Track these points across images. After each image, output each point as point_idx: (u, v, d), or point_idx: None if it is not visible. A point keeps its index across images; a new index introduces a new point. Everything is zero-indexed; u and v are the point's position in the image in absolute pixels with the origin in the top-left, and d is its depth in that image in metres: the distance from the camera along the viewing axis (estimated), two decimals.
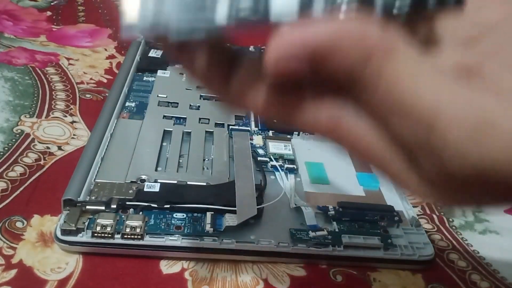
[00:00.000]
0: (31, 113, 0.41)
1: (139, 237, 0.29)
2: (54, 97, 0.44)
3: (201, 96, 0.44)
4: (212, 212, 0.31)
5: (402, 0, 0.13)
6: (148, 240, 0.29)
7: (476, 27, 0.14)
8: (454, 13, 0.14)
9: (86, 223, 0.29)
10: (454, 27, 0.14)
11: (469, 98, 0.12)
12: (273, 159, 0.37)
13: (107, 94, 0.44)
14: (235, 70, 0.15)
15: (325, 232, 0.31)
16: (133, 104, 0.42)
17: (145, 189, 0.31)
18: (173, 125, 0.39)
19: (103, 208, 0.30)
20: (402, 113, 0.12)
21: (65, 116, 0.41)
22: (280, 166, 0.36)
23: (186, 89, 0.44)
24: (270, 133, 0.41)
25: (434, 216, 0.36)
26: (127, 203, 0.30)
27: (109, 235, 0.28)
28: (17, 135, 0.38)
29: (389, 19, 0.13)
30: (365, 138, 0.14)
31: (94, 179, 0.32)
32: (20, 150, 0.36)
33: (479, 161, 0.12)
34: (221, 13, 0.13)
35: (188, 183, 0.33)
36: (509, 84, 0.12)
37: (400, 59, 0.12)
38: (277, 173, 0.36)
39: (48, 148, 0.37)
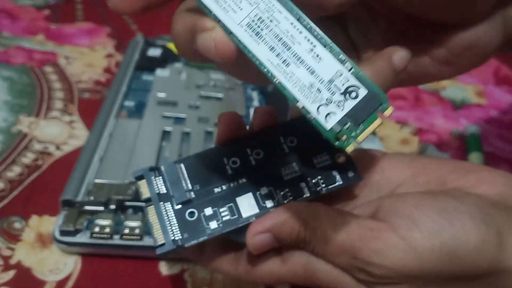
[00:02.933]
0: (29, 112, 0.41)
1: (138, 237, 0.28)
2: (52, 96, 0.43)
3: (200, 95, 0.44)
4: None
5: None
6: (147, 241, 0.28)
7: (388, 182, 0.23)
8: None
9: (85, 224, 0.29)
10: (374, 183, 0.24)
11: (371, 228, 0.20)
12: None
13: (105, 93, 0.44)
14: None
15: None
16: (132, 104, 0.41)
17: None
18: (172, 124, 0.39)
19: (101, 208, 0.30)
20: (336, 252, 0.20)
21: (64, 116, 0.41)
22: None
23: (185, 88, 0.44)
24: None
25: None
26: (126, 203, 0.30)
27: (108, 236, 0.28)
28: (15, 135, 0.38)
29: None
30: (329, 274, 0.21)
31: (93, 180, 0.32)
32: (18, 150, 0.36)
33: (387, 265, 0.20)
34: (213, 225, 0.22)
35: None
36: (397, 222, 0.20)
37: (324, 219, 0.21)
38: None
39: (46, 148, 0.37)
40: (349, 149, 0.17)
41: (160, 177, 0.23)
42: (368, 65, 0.21)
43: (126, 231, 0.28)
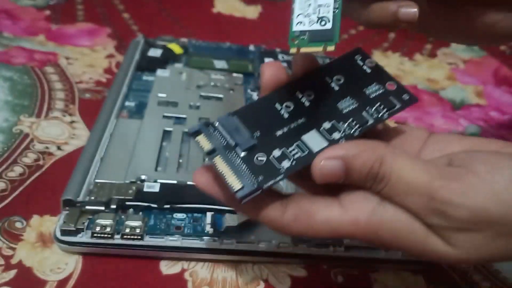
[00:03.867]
0: (30, 113, 0.41)
1: (139, 237, 0.28)
2: (53, 96, 0.43)
3: (201, 95, 0.44)
4: (212, 212, 0.31)
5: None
6: (148, 241, 0.29)
7: (445, 155, 0.21)
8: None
9: (86, 224, 0.29)
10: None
11: (450, 171, 0.19)
12: None
13: (106, 94, 0.44)
14: None
15: None
16: (132, 104, 0.41)
17: (145, 189, 0.31)
18: (173, 124, 0.39)
19: (102, 208, 0.30)
20: (411, 191, 0.19)
21: (64, 116, 0.41)
22: None
23: (186, 88, 0.44)
24: None
25: None
26: (127, 203, 0.30)
27: (109, 236, 0.28)
28: (16, 135, 0.38)
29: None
30: (397, 223, 0.20)
31: (94, 179, 0.32)
32: (19, 150, 0.36)
33: (469, 206, 0.18)
34: (286, 164, 0.21)
35: (188, 183, 0.33)
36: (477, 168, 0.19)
37: (401, 157, 0.20)
38: None
39: (47, 148, 0.37)
40: (292, 50, 0.22)
41: (217, 131, 0.22)
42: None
43: (127, 230, 0.28)
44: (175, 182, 0.33)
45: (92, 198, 0.30)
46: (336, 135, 0.22)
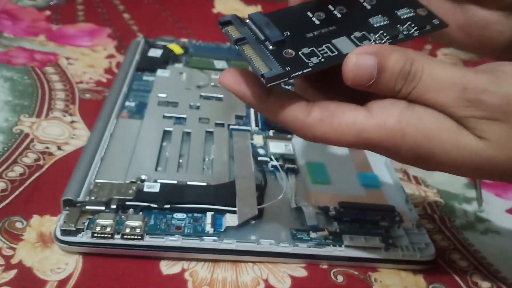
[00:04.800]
0: (30, 113, 0.41)
1: (139, 237, 0.28)
2: (53, 96, 0.43)
3: (201, 95, 0.44)
4: (213, 212, 0.31)
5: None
6: (148, 241, 0.29)
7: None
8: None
9: (86, 224, 0.29)
10: None
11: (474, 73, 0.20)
12: (273, 159, 0.36)
13: (106, 94, 0.44)
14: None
15: (326, 232, 0.31)
16: (132, 104, 0.41)
17: (145, 189, 0.31)
18: (173, 124, 0.39)
19: (102, 208, 0.30)
20: (443, 85, 0.20)
21: (65, 116, 0.41)
22: (281, 166, 0.36)
23: (186, 88, 0.44)
24: (271, 132, 0.40)
25: (435, 216, 0.36)
26: (127, 203, 0.30)
27: (109, 236, 0.28)
28: (17, 135, 0.38)
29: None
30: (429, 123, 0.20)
31: (94, 179, 0.32)
32: (20, 150, 0.36)
33: (501, 92, 0.20)
34: (315, 60, 0.21)
35: (188, 183, 0.33)
36: None
37: (431, 59, 0.20)
38: (277, 173, 0.35)
39: (47, 148, 0.37)
40: None
41: (247, 26, 0.22)
42: None
43: (127, 230, 0.28)
44: (175, 182, 0.33)
45: (92, 198, 0.30)
46: (367, 43, 0.22)
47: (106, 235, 0.28)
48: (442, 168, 0.22)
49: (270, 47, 0.21)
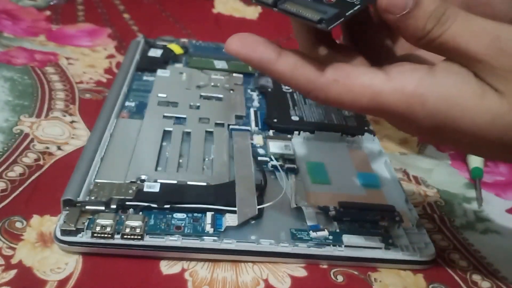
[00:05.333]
0: (30, 113, 0.41)
1: (139, 237, 0.28)
2: (53, 96, 0.43)
3: (201, 95, 0.44)
4: (212, 212, 0.31)
5: None
6: (148, 240, 0.29)
7: None
8: None
9: (86, 223, 0.29)
10: None
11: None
12: (273, 159, 0.36)
13: (106, 94, 0.44)
14: None
15: (326, 232, 0.31)
16: (132, 104, 0.41)
17: (145, 189, 0.31)
18: (173, 124, 0.39)
19: (102, 208, 0.30)
20: (477, 31, 0.19)
21: (65, 116, 0.41)
22: (281, 166, 0.36)
23: (186, 88, 0.44)
24: (271, 132, 0.40)
25: (435, 216, 0.36)
26: (127, 203, 0.30)
27: (109, 235, 0.28)
28: (17, 135, 0.38)
29: None
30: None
31: (94, 179, 0.32)
32: (20, 150, 0.36)
33: None
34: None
35: (188, 183, 0.33)
36: None
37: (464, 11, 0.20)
38: (277, 173, 0.35)
39: (47, 148, 0.37)
40: None
41: None
42: None
43: (127, 230, 0.28)
44: (175, 182, 0.33)
45: (92, 198, 0.30)
46: None
47: (106, 235, 0.28)
48: (459, 138, 0.20)
49: None
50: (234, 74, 0.48)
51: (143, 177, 0.33)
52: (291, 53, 0.21)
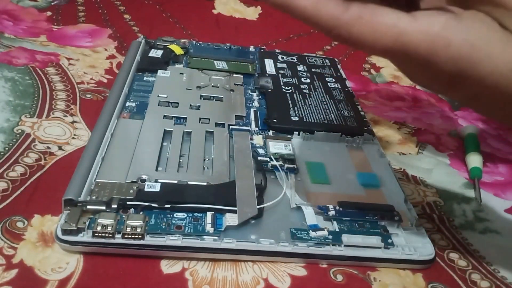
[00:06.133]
0: (31, 113, 0.41)
1: (139, 237, 0.29)
2: (54, 97, 0.44)
3: (201, 96, 0.44)
4: (213, 212, 0.31)
5: None
6: (149, 240, 0.29)
7: None
8: None
9: (87, 223, 0.29)
10: None
11: None
12: (273, 159, 0.37)
13: (107, 94, 0.44)
14: None
15: (325, 232, 0.31)
16: (133, 104, 0.42)
17: (146, 189, 0.31)
18: (174, 125, 0.39)
19: (103, 208, 0.30)
20: None
21: (66, 116, 0.41)
22: (281, 166, 0.36)
23: (187, 89, 0.45)
24: (271, 133, 0.41)
25: (434, 215, 0.36)
26: (128, 203, 0.30)
27: (110, 235, 0.28)
28: (18, 135, 0.38)
29: None
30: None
31: (95, 179, 0.32)
32: (21, 150, 0.36)
33: None
34: None
35: (189, 183, 0.33)
36: None
37: None
38: (277, 173, 0.36)
39: (48, 148, 0.37)
40: None
41: None
42: None
43: (128, 230, 0.29)
44: (175, 181, 0.33)
45: (93, 197, 0.30)
46: None
47: (107, 235, 0.28)
48: (477, 89, 0.20)
49: None
50: (234, 75, 0.49)
51: (143, 177, 0.33)
52: None
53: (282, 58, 0.54)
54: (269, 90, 0.46)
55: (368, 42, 0.20)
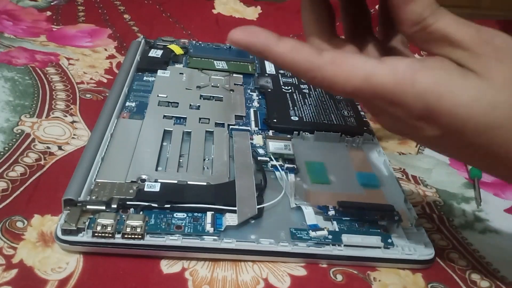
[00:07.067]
0: (31, 113, 0.41)
1: (139, 236, 0.29)
2: (54, 97, 0.44)
3: (201, 96, 0.44)
4: (213, 212, 0.31)
5: None
6: (149, 240, 0.29)
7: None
8: None
9: (87, 223, 0.29)
10: None
11: None
12: (273, 158, 0.37)
13: (107, 94, 0.44)
14: None
15: (325, 232, 0.31)
16: (133, 104, 0.42)
17: (146, 189, 0.31)
18: (173, 125, 0.39)
19: (103, 208, 0.30)
20: (461, 24, 0.22)
21: (65, 116, 0.41)
22: (280, 165, 0.36)
23: (186, 89, 0.45)
24: (270, 132, 0.41)
25: (434, 215, 0.36)
26: (128, 202, 0.30)
27: (110, 235, 0.28)
28: (18, 135, 0.38)
29: None
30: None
31: (95, 179, 0.32)
32: (21, 150, 0.36)
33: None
34: None
35: (189, 182, 0.33)
36: None
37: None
38: (277, 173, 0.36)
39: (48, 148, 0.37)
40: None
41: None
42: None
43: (128, 230, 0.29)
44: (175, 181, 0.33)
45: (93, 197, 0.30)
46: None
47: (106, 235, 0.28)
48: (444, 123, 0.22)
49: None
50: (234, 75, 0.49)
51: (143, 176, 0.33)
52: (290, 38, 0.23)
53: None
54: (269, 90, 0.46)
55: (339, 83, 0.22)
